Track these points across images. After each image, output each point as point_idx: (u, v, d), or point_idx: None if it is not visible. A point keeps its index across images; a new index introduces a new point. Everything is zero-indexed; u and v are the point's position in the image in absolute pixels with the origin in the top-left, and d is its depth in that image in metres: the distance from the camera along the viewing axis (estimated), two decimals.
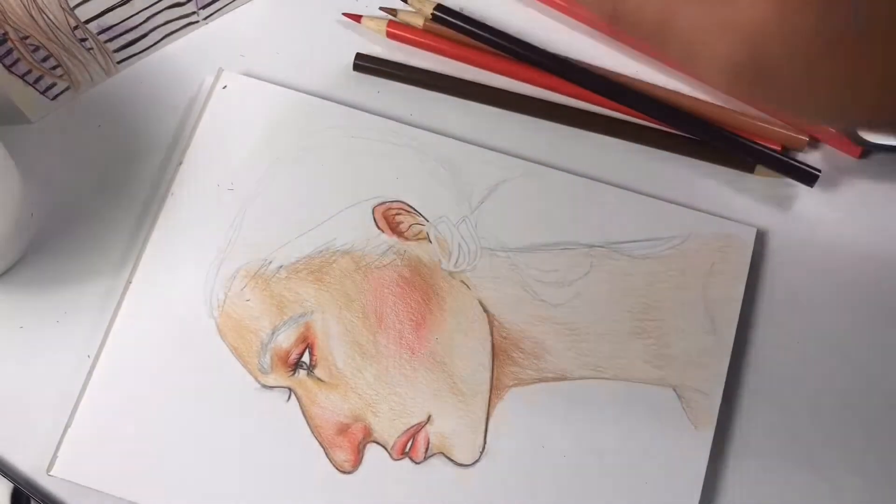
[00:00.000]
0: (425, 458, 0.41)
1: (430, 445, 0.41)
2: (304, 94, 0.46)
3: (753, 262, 0.44)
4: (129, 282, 0.43)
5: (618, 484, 0.41)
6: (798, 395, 0.43)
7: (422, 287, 0.43)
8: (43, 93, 0.45)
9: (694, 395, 0.42)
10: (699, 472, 0.41)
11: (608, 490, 0.41)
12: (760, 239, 0.45)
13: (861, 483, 0.42)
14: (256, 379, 0.42)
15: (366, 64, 0.47)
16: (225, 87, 0.46)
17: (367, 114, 0.46)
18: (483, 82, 0.47)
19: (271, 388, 0.42)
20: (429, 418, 0.42)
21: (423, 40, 0.47)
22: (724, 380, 0.42)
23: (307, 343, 0.42)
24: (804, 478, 0.42)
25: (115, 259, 0.44)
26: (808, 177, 0.45)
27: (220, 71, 0.46)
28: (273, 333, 0.42)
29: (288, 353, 0.42)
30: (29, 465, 0.41)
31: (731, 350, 0.42)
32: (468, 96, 0.47)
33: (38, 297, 0.43)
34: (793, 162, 0.45)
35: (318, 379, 0.42)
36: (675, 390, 0.42)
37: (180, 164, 0.45)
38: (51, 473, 0.40)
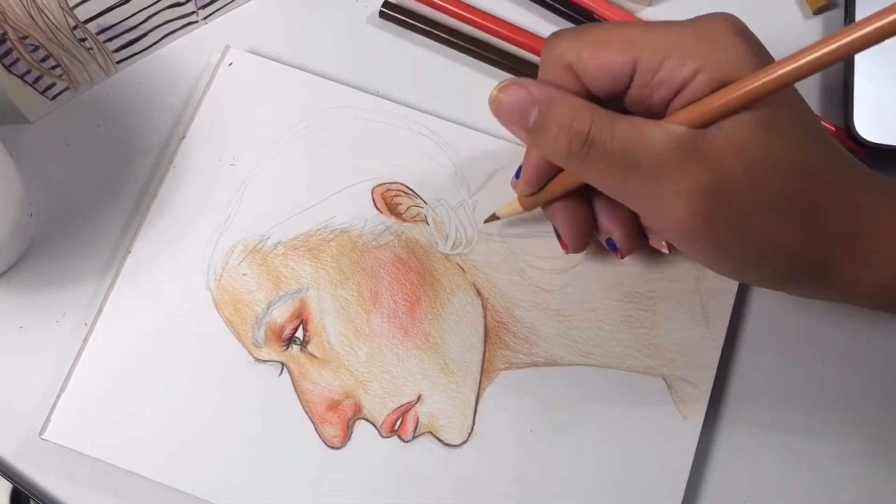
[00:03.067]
0: (414, 437, 0.41)
1: (419, 425, 0.41)
2: (309, 74, 0.46)
3: None
4: (127, 251, 0.43)
5: (604, 471, 0.41)
6: (788, 390, 0.43)
7: (417, 268, 0.44)
8: (42, 93, 0.45)
9: (684, 385, 0.42)
10: (686, 463, 0.41)
11: (594, 476, 0.41)
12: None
13: (848, 475, 0.42)
14: (250, 352, 0.42)
15: (392, 13, 0.47)
16: (231, 65, 0.46)
17: (370, 95, 0.46)
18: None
19: (264, 361, 0.42)
20: (419, 398, 0.42)
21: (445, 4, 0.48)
22: (714, 371, 0.42)
23: (301, 319, 0.42)
24: (791, 471, 0.42)
25: (116, 259, 0.44)
26: None
27: (227, 48, 0.46)
28: (268, 308, 0.43)
29: (282, 328, 0.42)
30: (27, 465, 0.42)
31: (722, 342, 0.43)
32: (485, 58, 0.47)
33: (38, 297, 0.44)
34: None
35: (311, 355, 0.42)
36: (665, 380, 0.42)
37: (183, 137, 0.45)
38: (43, 437, 0.41)
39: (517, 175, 0.40)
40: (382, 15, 0.48)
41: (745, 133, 0.32)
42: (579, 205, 0.39)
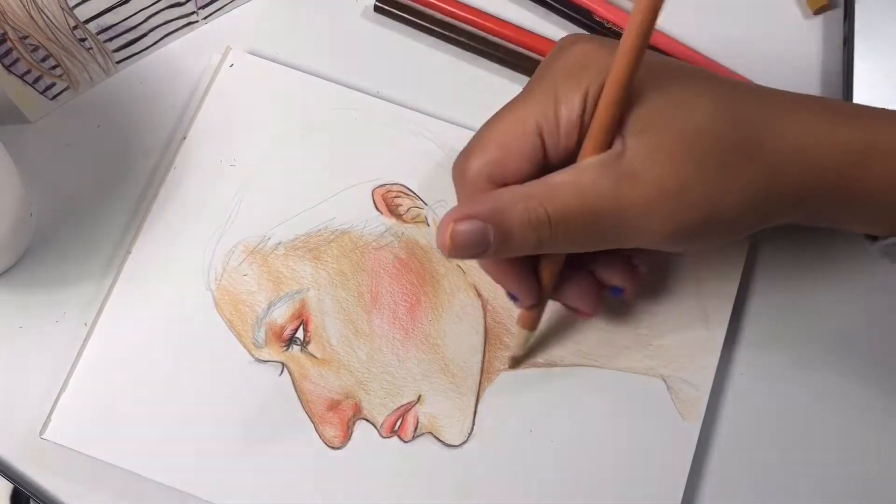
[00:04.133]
0: (414, 438, 0.41)
1: (419, 425, 0.42)
2: (309, 75, 0.46)
3: (749, 257, 0.44)
4: (128, 251, 0.43)
5: (604, 471, 0.41)
6: (787, 392, 0.43)
7: (417, 269, 0.44)
8: (42, 93, 0.45)
9: (683, 386, 0.42)
10: (685, 464, 0.41)
11: (594, 476, 0.41)
12: (757, 234, 0.45)
13: (849, 475, 0.42)
14: (250, 352, 0.42)
15: (386, 7, 0.47)
16: (232, 66, 0.46)
17: (370, 96, 0.46)
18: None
19: (264, 362, 0.42)
20: (419, 398, 0.42)
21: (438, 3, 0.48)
22: (714, 372, 0.42)
23: (302, 319, 0.43)
24: (791, 471, 0.42)
25: (115, 259, 0.44)
26: None
27: (228, 49, 0.46)
28: (269, 308, 0.43)
29: (282, 329, 0.42)
30: (25, 463, 0.42)
31: (722, 344, 0.43)
32: (481, 52, 0.47)
33: (38, 297, 0.44)
34: None
35: (311, 355, 0.42)
36: (664, 381, 0.42)
37: (184, 138, 0.45)
38: (43, 437, 0.41)
39: (511, 298, 0.39)
40: (377, 9, 0.47)
41: (655, 122, 0.33)
42: (580, 276, 0.39)
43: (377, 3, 0.47)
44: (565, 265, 0.38)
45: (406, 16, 0.47)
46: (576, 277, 0.39)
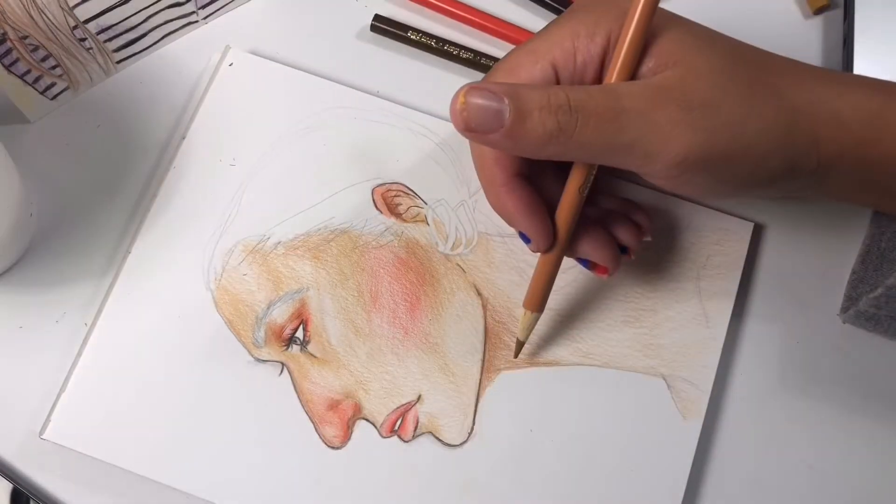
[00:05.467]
0: (414, 437, 0.41)
1: (419, 425, 0.41)
2: (309, 74, 0.46)
3: (749, 256, 0.44)
4: (127, 251, 0.43)
5: (604, 470, 0.41)
6: (788, 391, 0.43)
7: (417, 268, 0.44)
8: (42, 93, 0.45)
9: (684, 385, 0.42)
10: (686, 463, 0.41)
11: (595, 476, 0.41)
12: (757, 234, 0.45)
13: (849, 475, 0.42)
14: (250, 352, 0.42)
15: (383, 25, 0.47)
16: (231, 65, 0.46)
17: (370, 95, 0.46)
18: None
19: (264, 361, 0.42)
20: (419, 398, 0.42)
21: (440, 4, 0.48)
22: (714, 372, 0.42)
23: (301, 319, 0.42)
24: (791, 471, 0.42)
25: (116, 259, 0.44)
26: None
27: (227, 48, 0.46)
28: (268, 308, 0.43)
29: (282, 328, 0.42)
30: (24, 461, 0.42)
31: (723, 343, 0.43)
32: (477, 66, 0.47)
33: (38, 296, 0.44)
34: None
35: (311, 355, 0.42)
36: (665, 380, 0.42)
37: (183, 138, 0.45)
38: (43, 437, 0.41)
39: (525, 240, 0.38)
40: (374, 28, 0.47)
41: (682, 50, 0.34)
42: (595, 230, 0.39)
43: (374, 24, 0.47)
44: (580, 214, 0.38)
45: (400, 33, 0.47)
46: (591, 231, 0.39)
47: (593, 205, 0.41)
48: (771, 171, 0.35)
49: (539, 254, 0.39)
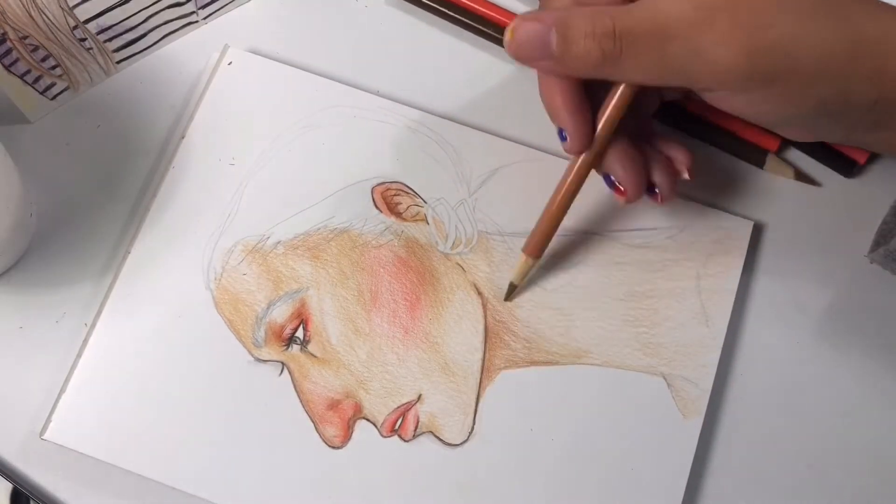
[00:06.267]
0: (414, 437, 0.41)
1: (419, 424, 0.41)
2: (309, 73, 0.46)
3: (749, 255, 0.44)
4: (127, 251, 0.43)
5: (605, 470, 0.41)
6: (788, 390, 0.43)
7: (417, 268, 0.44)
8: (42, 93, 0.45)
9: (684, 384, 0.42)
10: (686, 462, 0.41)
11: (595, 475, 0.41)
12: (757, 233, 0.45)
13: (850, 475, 0.42)
14: (250, 352, 0.42)
15: None
16: (230, 64, 0.46)
17: (369, 94, 0.46)
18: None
19: (264, 361, 0.42)
20: (419, 397, 0.42)
21: None
22: (714, 370, 0.42)
23: (301, 318, 0.42)
24: (791, 471, 0.42)
25: (116, 259, 0.44)
26: (847, 165, 0.45)
27: (226, 47, 0.46)
28: (268, 308, 0.43)
29: (282, 328, 0.42)
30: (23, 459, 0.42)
31: (722, 341, 0.43)
32: (492, 37, 0.47)
33: (38, 297, 0.44)
34: (834, 148, 0.45)
35: (311, 354, 0.42)
36: (665, 379, 0.42)
37: (183, 137, 0.45)
38: (43, 437, 0.41)
39: (562, 138, 0.39)
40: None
41: None
42: (630, 146, 0.39)
43: None
44: (621, 131, 0.38)
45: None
46: (624, 143, 0.39)
47: (640, 130, 0.40)
48: (822, 98, 0.34)
49: (545, 211, 0.40)
